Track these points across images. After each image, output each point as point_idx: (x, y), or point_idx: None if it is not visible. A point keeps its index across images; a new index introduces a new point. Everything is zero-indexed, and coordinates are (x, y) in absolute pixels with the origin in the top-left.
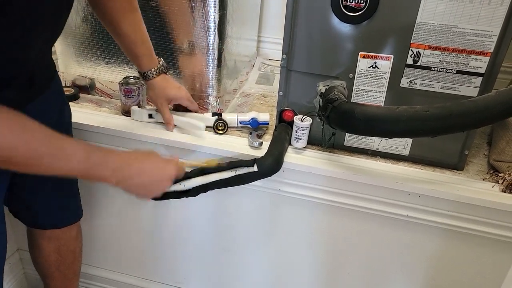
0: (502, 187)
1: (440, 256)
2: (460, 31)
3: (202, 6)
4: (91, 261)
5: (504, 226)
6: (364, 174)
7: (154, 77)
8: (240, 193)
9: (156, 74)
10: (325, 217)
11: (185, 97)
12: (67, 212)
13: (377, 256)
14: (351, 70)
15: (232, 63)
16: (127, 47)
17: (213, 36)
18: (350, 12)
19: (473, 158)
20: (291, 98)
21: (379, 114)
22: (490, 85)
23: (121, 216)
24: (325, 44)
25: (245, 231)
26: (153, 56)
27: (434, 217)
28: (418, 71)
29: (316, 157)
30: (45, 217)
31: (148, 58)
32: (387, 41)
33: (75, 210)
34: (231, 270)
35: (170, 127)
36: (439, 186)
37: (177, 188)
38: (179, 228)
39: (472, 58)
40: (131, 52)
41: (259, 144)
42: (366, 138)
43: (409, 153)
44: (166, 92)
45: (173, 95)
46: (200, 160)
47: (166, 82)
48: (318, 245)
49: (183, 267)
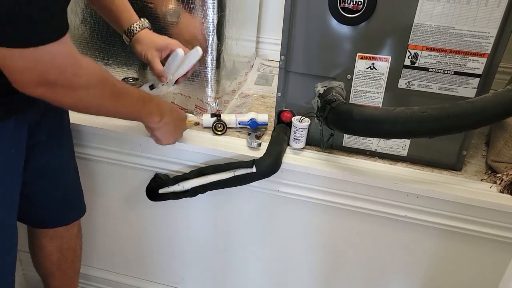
0: (500, 188)
1: (439, 256)
2: (457, 32)
3: (201, 7)
4: (90, 262)
5: (502, 226)
6: (363, 175)
7: (138, 31)
8: (238, 194)
9: (139, 28)
10: (323, 217)
11: (175, 43)
12: (71, 209)
13: (376, 256)
14: (349, 71)
15: (231, 64)
16: (104, 6)
17: (212, 37)
18: (348, 14)
19: (471, 158)
20: (290, 99)
21: (377, 115)
22: (488, 86)
23: (119, 216)
24: (323, 45)
25: (243, 231)
26: (133, 12)
27: (432, 218)
28: (415, 72)
29: (315, 157)
30: (48, 215)
31: (128, 13)
32: (385, 42)
33: (79, 205)
34: (230, 270)
35: (163, 79)
36: (437, 187)
37: (176, 188)
38: (177, 229)
39: (470, 59)
40: (109, 10)
41: (258, 145)
42: (364, 139)
43: (407, 153)
44: (155, 41)
45: (162, 42)
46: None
47: (152, 33)
48: (317, 245)
49: (181, 268)
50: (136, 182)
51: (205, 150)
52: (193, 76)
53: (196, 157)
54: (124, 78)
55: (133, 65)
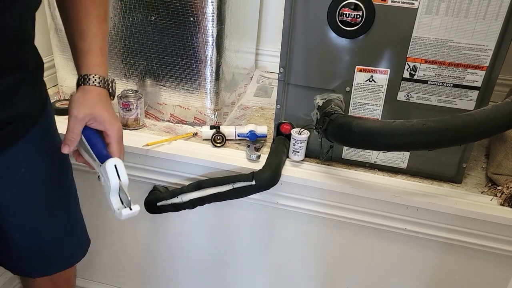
0: (500, 201)
1: (438, 269)
2: (456, 45)
3: (200, 20)
4: (88, 275)
5: (503, 239)
6: (362, 187)
7: (95, 86)
8: (237, 206)
9: (100, 83)
10: (323, 230)
11: (116, 134)
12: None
13: (375, 269)
14: (348, 83)
15: (230, 76)
16: (71, 34)
17: (211, 50)
18: (346, 27)
19: (471, 171)
20: (289, 111)
21: (376, 127)
22: (487, 99)
23: (117, 229)
24: (322, 58)
25: (242, 244)
26: (105, 62)
27: (432, 231)
28: (414, 84)
29: (314, 170)
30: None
31: (97, 57)
32: (383, 55)
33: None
34: (228, 283)
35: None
36: (437, 200)
37: (175, 201)
38: (176, 241)
39: (468, 72)
40: (74, 44)
41: (257, 157)
42: (363, 151)
43: (407, 166)
44: (98, 109)
45: (103, 118)
46: None
47: (107, 101)
48: (316, 258)
49: (180, 280)
50: (134, 194)
51: (204, 162)
52: (192, 88)
53: (195, 169)
54: (124, 90)
55: (133, 77)
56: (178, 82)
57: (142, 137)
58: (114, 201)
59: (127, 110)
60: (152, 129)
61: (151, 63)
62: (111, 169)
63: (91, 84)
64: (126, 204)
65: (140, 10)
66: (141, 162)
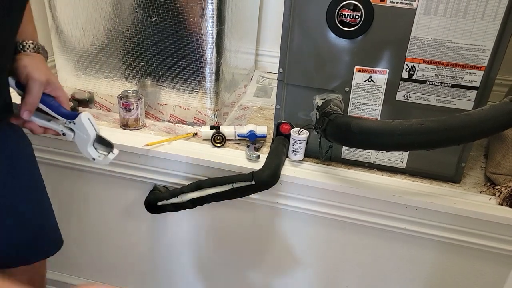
0: (499, 200)
1: (438, 269)
2: (454, 45)
3: (200, 21)
4: (88, 276)
5: (502, 239)
6: (361, 187)
7: (36, 52)
8: (237, 206)
9: (35, 49)
10: (322, 229)
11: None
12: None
13: (375, 269)
14: (347, 83)
15: (230, 76)
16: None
17: (211, 50)
18: (345, 27)
19: (470, 170)
20: (288, 111)
21: (374, 127)
22: (485, 99)
23: (117, 229)
24: (321, 58)
25: (241, 244)
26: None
27: (431, 230)
28: (413, 84)
29: (313, 169)
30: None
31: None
32: (382, 55)
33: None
34: (228, 282)
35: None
36: (436, 199)
37: (175, 200)
38: (175, 241)
39: (467, 72)
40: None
41: (257, 157)
42: (363, 151)
43: (406, 165)
44: (50, 75)
45: (55, 84)
46: None
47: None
48: (315, 257)
49: (179, 281)
50: (135, 194)
51: (204, 162)
52: (192, 88)
53: (195, 169)
54: (124, 91)
55: (133, 78)
56: (178, 82)
57: (142, 137)
58: (92, 150)
59: (127, 110)
60: (152, 129)
61: (151, 64)
62: (86, 122)
63: (32, 51)
64: (110, 148)
65: (141, 10)
66: (141, 162)
